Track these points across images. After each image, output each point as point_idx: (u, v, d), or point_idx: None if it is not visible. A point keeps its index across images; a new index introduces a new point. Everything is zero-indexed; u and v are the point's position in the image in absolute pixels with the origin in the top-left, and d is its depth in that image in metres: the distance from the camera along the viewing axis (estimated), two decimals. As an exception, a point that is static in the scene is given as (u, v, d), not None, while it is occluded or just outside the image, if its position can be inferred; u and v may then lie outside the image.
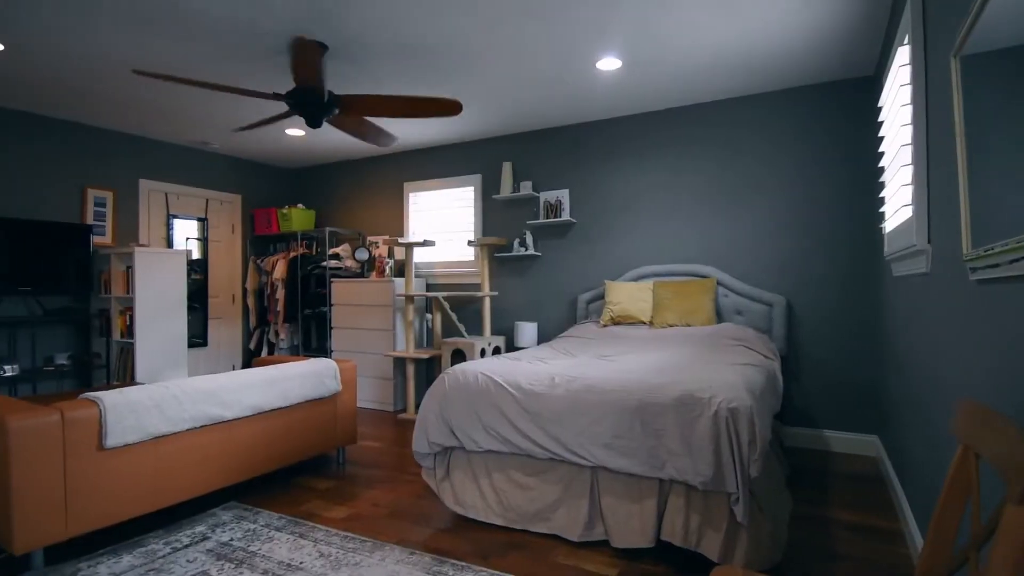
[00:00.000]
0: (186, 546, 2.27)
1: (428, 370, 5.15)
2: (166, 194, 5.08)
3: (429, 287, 5.27)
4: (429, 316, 5.14)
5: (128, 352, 4.26)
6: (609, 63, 3.29)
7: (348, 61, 3.25)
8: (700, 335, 3.41)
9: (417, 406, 4.81)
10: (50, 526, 2.04)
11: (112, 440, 2.18)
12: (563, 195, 4.53)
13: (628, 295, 3.91)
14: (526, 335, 4.46)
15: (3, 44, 2.98)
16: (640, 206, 4.26)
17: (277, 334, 5.57)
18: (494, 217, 4.94)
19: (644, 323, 3.82)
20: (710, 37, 2.97)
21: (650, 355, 2.90)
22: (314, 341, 5.70)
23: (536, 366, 2.61)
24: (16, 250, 3.87)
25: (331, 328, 5.17)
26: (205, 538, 2.34)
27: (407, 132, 4.77)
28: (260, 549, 2.23)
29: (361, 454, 3.55)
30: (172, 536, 2.36)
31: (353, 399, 3.36)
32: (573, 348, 3.29)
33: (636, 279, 4.15)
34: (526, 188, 4.62)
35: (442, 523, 2.50)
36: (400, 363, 4.86)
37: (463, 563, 2.10)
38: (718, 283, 3.87)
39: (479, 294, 4.57)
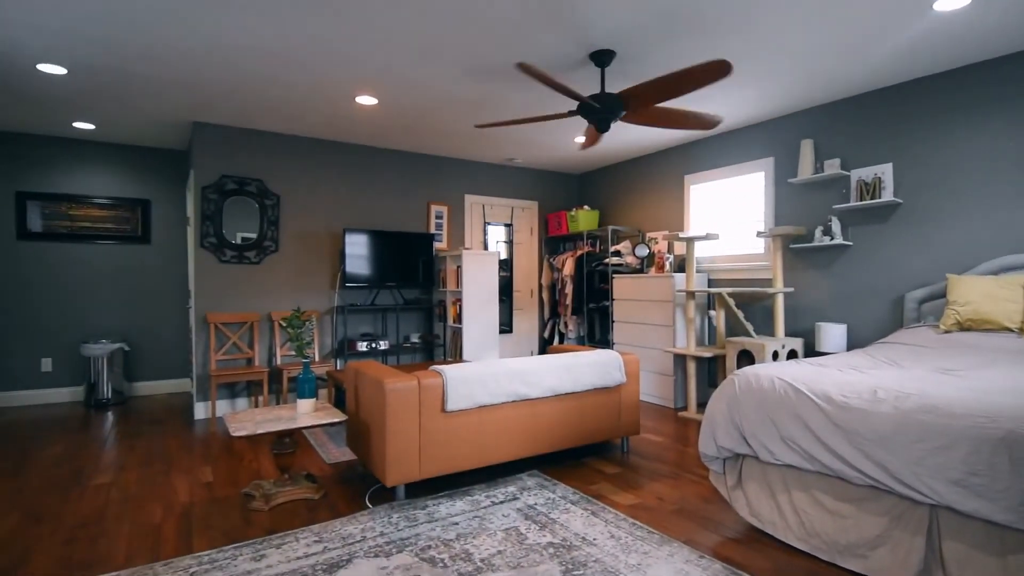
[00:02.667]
0: (501, 502, 2.70)
1: (710, 369, 4.95)
2: (483, 205, 6.09)
3: (711, 283, 5.04)
4: (712, 313, 4.92)
5: (458, 334, 5.27)
6: (953, 1, 2.61)
7: (628, 64, 3.35)
8: (1116, 351, 2.44)
9: (699, 405, 4.67)
10: (409, 468, 2.68)
11: (451, 405, 2.74)
12: (884, 171, 3.78)
13: (984, 293, 3.04)
14: (832, 339, 3.89)
15: (376, 99, 3.99)
16: (998, 176, 3.25)
17: (566, 325, 6.11)
18: (789, 204, 4.43)
19: (1010, 330, 2.92)
20: None
21: (1021, 372, 2.22)
22: (597, 333, 6.06)
23: (849, 375, 2.27)
24: (386, 254, 5.16)
25: (612, 322, 5.41)
26: (515, 498, 2.74)
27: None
28: (559, 518, 2.51)
29: (643, 446, 3.64)
30: (491, 491, 2.84)
31: (636, 392, 3.46)
32: (900, 357, 2.73)
33: (996, 272, 3.20)
34: (832, 167, 4.01)
35: (732, 531, 2.39)
36: (680, 360, 4.78)
37: (758, 578, 1.98)
38: None
39: (770, 290, 4.17)
